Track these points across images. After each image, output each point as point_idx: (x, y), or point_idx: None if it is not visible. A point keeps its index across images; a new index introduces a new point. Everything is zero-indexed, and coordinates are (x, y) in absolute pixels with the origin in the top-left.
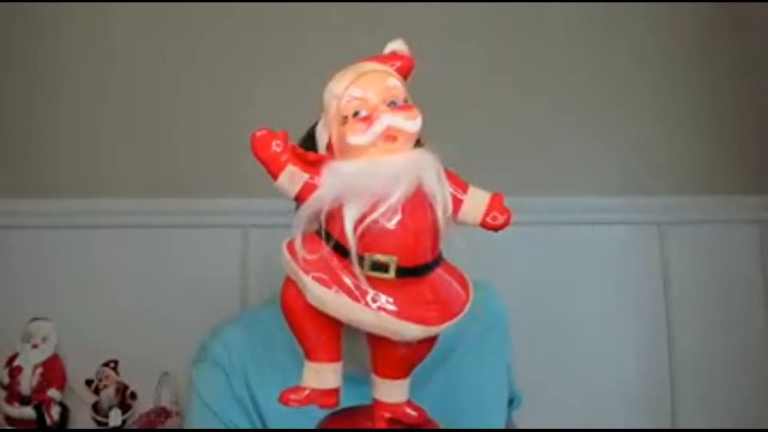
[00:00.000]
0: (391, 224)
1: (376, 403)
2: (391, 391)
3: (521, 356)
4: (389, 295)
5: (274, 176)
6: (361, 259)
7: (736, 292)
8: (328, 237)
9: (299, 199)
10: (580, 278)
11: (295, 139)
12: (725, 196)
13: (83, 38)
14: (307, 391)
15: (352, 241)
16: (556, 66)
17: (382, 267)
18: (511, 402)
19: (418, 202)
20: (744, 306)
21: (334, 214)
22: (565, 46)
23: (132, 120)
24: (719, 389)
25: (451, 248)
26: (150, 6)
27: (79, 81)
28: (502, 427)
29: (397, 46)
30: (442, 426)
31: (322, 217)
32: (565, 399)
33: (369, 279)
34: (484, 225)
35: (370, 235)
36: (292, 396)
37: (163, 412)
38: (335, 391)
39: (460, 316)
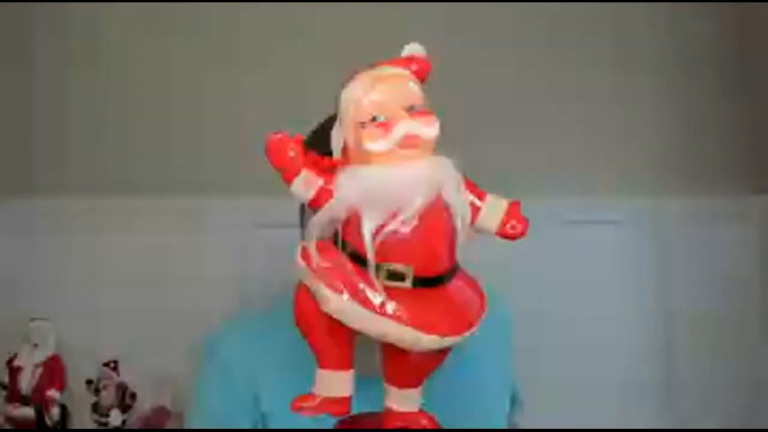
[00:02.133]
0: (409, 233)
1: (388, 412)
2: (404, 400)
3: (521, 356)
4: (405, 304)
5: (289, 181)
6: (377, 267)
7: (736, 292)
8: (344, 244)
9: (313, 204)
10: (580, 278)
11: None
12: (725, 196)
13: (83, 38)
14: (318, 399)
15: (370, 251)
16: (557, 66)
17: (399, 276)
18: (512, 404)
19: (436, 210)
20: (744, 306)
21: (351, 222)
22: (565, 47)
23: (133, 120)
24: (719, 389)
25: (462, 253)
26: (150, 6)
27: (81, 81)
28: (503, 428)
29: (414, 49)
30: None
31: (339, 225)
32: (565, 399)
33: (385, 288)
34: (501, 234)
35: (387, 244)
36: (304, 404)
37: (163, 412)
38: (346, 399)
39: (476, 326)
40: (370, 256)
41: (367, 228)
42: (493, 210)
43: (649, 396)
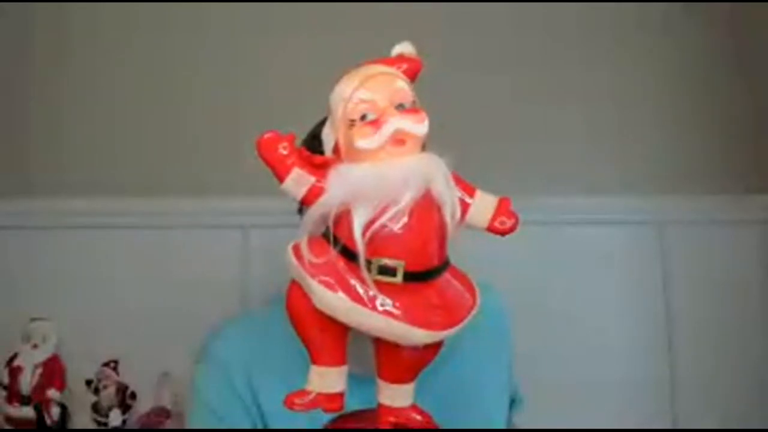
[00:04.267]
0: (399, 228)
1: (381, 408)
2: (396, 396)
3: (521, 356)
4: (396, 299)
5: (281, 179)
6: (368, 263)
7: (736, 292)
8: (335, 240)
9: (305, 202)
10: (580, 278)
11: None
12: (725, 196)
13: (82, 38)
14: (311, 395)
15: (360, 246)
16: (557, 66)
17: (390, 271)
18: (512, 403)
19: (426, 206)
20: (744, 306)
21: (342, 218)
22: (565, 46)
23: (132, 120)
24: (719, 389)
25: (452, 249)
26: (150, 6)
27: (80, 81)
28: (503, 427)
29: (404, 48)
30: (443, 427)
31: (330, 221)
32: (565, 399)
33: (376, 283)
34: (491, 229)
35: (378, 239)
36: (297, 400)
37: (163, 412)
38: (340, 395)
39: (467, 321)
40: (361, 251)
41: (358, 223)
42: (483, 206)
43: (649, 396)
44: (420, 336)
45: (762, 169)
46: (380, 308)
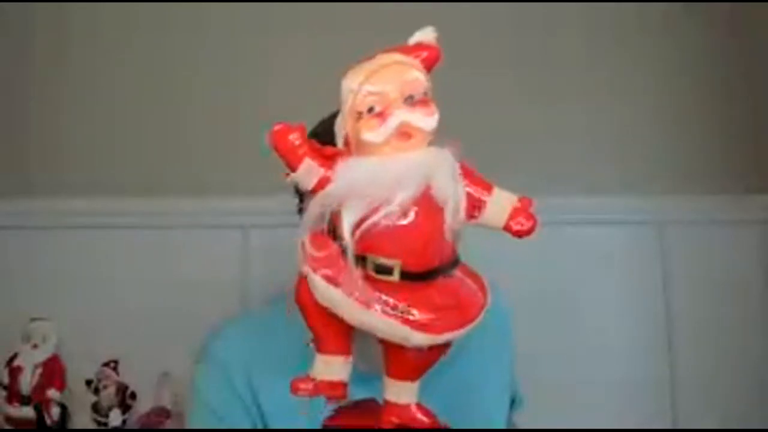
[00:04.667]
0: (396, 227)
1: (386, 404)
2: (401, 392)
3: (521, 356)
4: (396, 298)
5: (293, 168)
6: (364, 259)
7: (736, 292)
8: (335, 237)
9: (314, 192)
10: (580, 278)
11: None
12: (725, 196)
13: (82, 37)
14: (315, 381)
15: (349, 243)
16: (557, 66)
17: (386, 270)
18: (512, 402)
19: (429, 204)
20: (744, 306)
21: (339, 215)
22: (565, 46)
23: (132, 120)
24: (719, 389)
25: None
26: (150, 6)
27: (80, 81)
28: (503, 427)
29: (424, 35)
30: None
31: (326, 217)
32: (565, 399)
33: (375, 281)
34: (507, 229)
35: (374, 237)
36: (301, 385)
37: (163, 412)
38: (343, 384)
39: (475, 322)
40: (350, 250)
41: (347, 221)
42: (500, 204)
43: (649, 396)
44: (418, 339)
45: (762, 169)
46: (378, 307)
